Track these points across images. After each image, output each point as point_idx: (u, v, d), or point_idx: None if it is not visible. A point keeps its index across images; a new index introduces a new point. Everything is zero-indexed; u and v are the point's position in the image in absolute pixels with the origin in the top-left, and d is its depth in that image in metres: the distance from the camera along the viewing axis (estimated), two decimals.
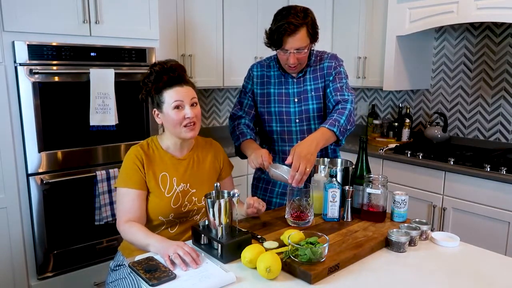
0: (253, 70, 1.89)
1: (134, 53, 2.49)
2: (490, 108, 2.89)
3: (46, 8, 2.15)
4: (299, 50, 1.65)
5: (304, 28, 1.62)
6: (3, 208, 2.17)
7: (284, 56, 1.69)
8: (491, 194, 2.32)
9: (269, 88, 1.84)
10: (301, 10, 1.63)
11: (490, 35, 2.84)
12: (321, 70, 1.82)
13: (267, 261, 1.13)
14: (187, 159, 1.57)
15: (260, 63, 1.90)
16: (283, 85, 1.83)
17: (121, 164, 1.52)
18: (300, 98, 1.81)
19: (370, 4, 3.15)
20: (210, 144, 1.68)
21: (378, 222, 1.50)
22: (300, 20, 1.60)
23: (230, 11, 3.20)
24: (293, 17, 1.59)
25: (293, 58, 1.67)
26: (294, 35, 1.61)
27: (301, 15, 1.61)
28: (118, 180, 1.49)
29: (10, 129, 2.14)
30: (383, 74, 3.04)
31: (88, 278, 2.45)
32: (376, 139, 3.24)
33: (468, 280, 1.15)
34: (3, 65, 2.08)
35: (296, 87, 1.82)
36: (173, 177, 1.52)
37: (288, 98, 1.82)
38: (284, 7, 1.66)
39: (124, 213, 1.45)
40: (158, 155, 1.53)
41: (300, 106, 1.81)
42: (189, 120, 1.46)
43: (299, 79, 1.82)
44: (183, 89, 1.47)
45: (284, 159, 1.81)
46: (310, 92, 1.81)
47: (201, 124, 1.56)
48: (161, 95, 1.46)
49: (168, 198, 1.49)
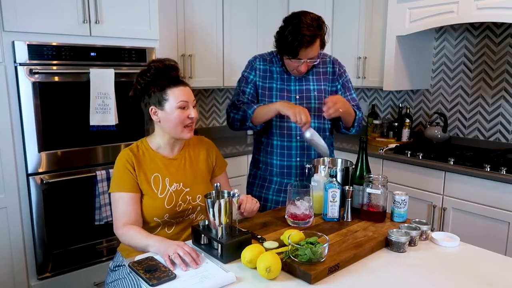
0: (255, 62, 1.87)
1: (134, 53, 2.49)
2: (490, 108, 2.89)
3: (46, 8, 2.15)
4: (312, 59, 1.73)
5: (318, 38, 1.68)
6: (3, 208, 2.17)
7: (295, 64, 1.73)
8: (491, 194, 2.31)
9: (272, 82, 1.85)
10: (314, 18, 1.67)
11: (490, 35, 2.84)
12: (324, 73, 1.86)
13: (267, 261, 1.13)
14: (179, 159, 1.56)
15: (262, 57, 1.89)
16: (285, 82, 1.84)
17: None
18: (302, 96, 1.83)
19: (370, 4, 3.15)
20: (202, 142, 1.67)
21: (378, 222, 1.50)
22: (316, 31, 1.65)
23: (230, 11, 3.20)
24: (308, 29, 1.62)
25: (305, 66, 1.74)
26: (310, 47, 1.66)
27: (315, 25, 1.65)
28: (111, 186, 1.48)
29: (10, 129, 2.14)
30: (383, 74, 3.04)
31: (88, 278, 2.45)
32: (376, 139, 3.24)
33: (468, 280, 1.15)
34: (3, 65, 2.09)
35: (298, 84, 1.84)
36: (165, 177, 1.51)
37: (289, 95, 1.83)
38: (296, 15, 1.68)
39: (120, 217, 1.44)
40: (149, 156, 1.52)
41: (301, 103, 1.82)
42: (191, 121, 1.47)
43: (301, 78, 1.85)
44: (186, 90, 1.47)
45: (281, 154, 1.85)
46: (313, 92, 1.84)
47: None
48: (165, 93, 1.44)
49: (161, 198, 1.48)
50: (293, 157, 1.85)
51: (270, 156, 1.88)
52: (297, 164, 1.85)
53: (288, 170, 1.86)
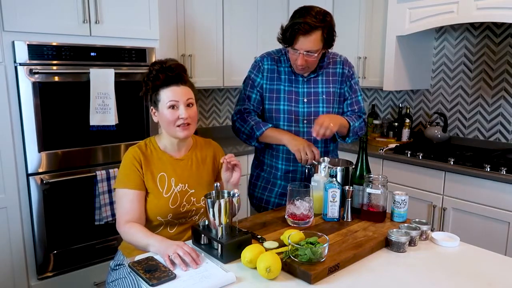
0: (263, 62, 1.80)
1: (134, 53, 2.49)
2: (490, 108, 2.89)
3: (46, 8, 2.15)
4: (309, 53, 1.62)
5: (319, 31, 1.58)
6: (3, 208, 2.17)
7: (294, 56, 1.66)
8: (491, 194, 2.32)
9: (279, 84, 1.78)
10: (320, 12, 1.59)
11: (490, 35, 2.84)
12: (333, 75, 1.81)
13: (267, 261, 1.13)
14: (186, 159, 1.57)
15: (270, 56, 1.81)
16: (293, 83, 1.78)
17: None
18: (310, 99, 1.77)
19: (370, 4, 3.15)
20: (210, 144, 1.67)
21: (378, 222, 1.50)
22: (317, 23, 1.56)
23: (230, 11, 3.20)
24: (310, 18, 1.56)
25: (302, 59, 1.64)
26: (307, 36, 1.57)
27: (319, 17, 1.57)
28: (117, 181, 1.49)
29: (10, 129, 2.14)
30: (383, 74, 3.04)
31: (88, 278, 2.45)
32: (376, 139, 3.25)
33: (468, 280, 1.15)
34: (3, 65, 2.09)
35: (306, 87, 1.78)
36: (171, 177, 1.52)
37: (297, 98, 1.77)
38: (304, 7, 1.62)
39: (123, 214, 1.44)
40: (156, 155, 1.53)
41: (309, 107, 1.77)
42: (183, 120, 1.46)
43: (309, 80, 1.78)
44: (179, 89, 1.46)
45: (287, 159, 1.81)
46: (322, 95, 1.78)
47: (197, 124, 1.55)
48: (158, 94, 1.46)
49: (166, 198, 1.49)
50: (299, 163, 1.78)
51: (275, 160, 1.84)
52: (302, 170, 1.81)
53: (293, 175, 1.84)
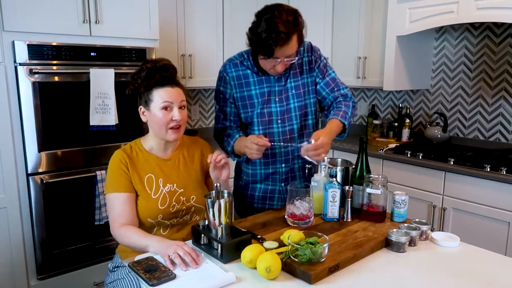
0: (226, 71, 1.70)
1: (134, 53, 2.49)
2: (490, 108, 2.89)
3: (46, 8, 2.15)
4: (289, 57, 1.56)
5: (295, 35, 1.51)
6: (3, 208, 2.17)
7: (272, 63, 1.56)
8: (491, 194, 2.31)
9: (249, 89, 1.69)
10: (289, 12, 1.50)
11: (490, 35, 2.84)
12: (299, 66, 1.71)
13: (267, 261, 1.13)
14: (173, 159, 1.56)
15: (232, 62, 1.71)
16: (264, 83, 1.69)
17: None
18: (281, 98, 1.69)
19: (370, 4, 3.15)
20: (197, 143, 1.65)
21: (378, 222, 1.50)
22: (291, 28, 1.48)
23: (230, 11, 3.20)
24: (282, 25, 1.45)
25: (282, 66, 1.57)
26: (286, 45, 1.49)
27: (290, 19, 1.48)
28: (107, 187, 1.48)
29: (10, 129, 2.14)
30: (383, 74, 3.03)
31: (88, 278, 2.45)
32: (376, 139, 3.24)
33: (468, 280, 1.15)
34: (3, 65, 2.09)
35: (277, 85, 1.69)
36: (159, 178, 1.50)
37: (269, 98, 1.69)
38: (270, 8, 1.50)
39: (116, 218, 1.43)
40: (142, 157, 1.51)
41: (282, 105, 1.70)
42: (176, 122, 1.44)
43: (280, 77, 1.69)
44: (173, 90, 1.45)
45: (265, 163, 1.74)
46: (291, 90, 1.70)
47: (185, 127, 1.53)
48: (151, 93, 1.44)
49: (155, 199, 1.47)
50: (277, 164, 1.74)
51: (252, 167, 1.77)
52: (282, 171, 1.75)
53: (273, 176, 1.77)
